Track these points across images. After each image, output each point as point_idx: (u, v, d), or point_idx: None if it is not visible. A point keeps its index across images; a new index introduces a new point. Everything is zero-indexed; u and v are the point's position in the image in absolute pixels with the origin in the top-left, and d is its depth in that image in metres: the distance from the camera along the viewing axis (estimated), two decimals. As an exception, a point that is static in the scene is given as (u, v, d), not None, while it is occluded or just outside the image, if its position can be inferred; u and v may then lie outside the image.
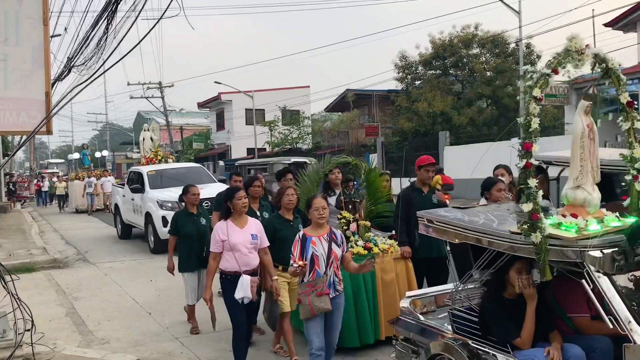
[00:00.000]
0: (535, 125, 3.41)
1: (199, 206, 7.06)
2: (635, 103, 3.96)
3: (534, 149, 3.42)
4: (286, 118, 40.03)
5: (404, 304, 4.62)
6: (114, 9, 5.87)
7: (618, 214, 3.69)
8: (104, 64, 5.65)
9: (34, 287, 9.37)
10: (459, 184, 18.96)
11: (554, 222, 3.52)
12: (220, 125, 45.14)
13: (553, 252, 3.40)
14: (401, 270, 6.01)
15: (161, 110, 38.44)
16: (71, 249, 14.08)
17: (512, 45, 28.61)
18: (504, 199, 5.53)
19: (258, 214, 6.28)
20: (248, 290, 5.03)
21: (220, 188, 10.32)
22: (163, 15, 4.80)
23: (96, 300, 8.63)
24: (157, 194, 13.20)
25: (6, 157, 25.74)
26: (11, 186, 29.28)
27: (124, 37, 5.52)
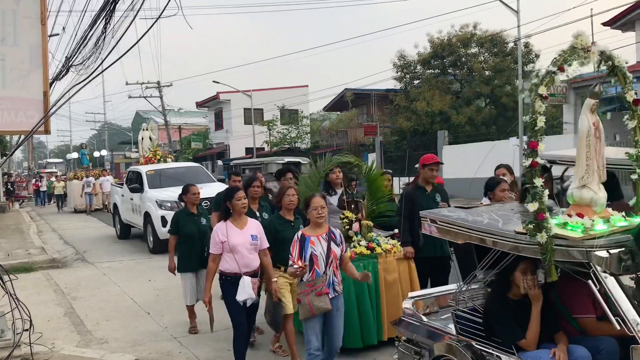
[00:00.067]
0: (541, 124, 3.36)
1: (199, 206, 7.03)
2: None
3: (540, 148, 3.38)
4: (285, 117, 39.98)
5: (407, 305, 4.57)
6: (112, 8, 5.83)
7: (624, 213, 3.65)
8: (102, 63, 5.60)
9: (32, 287, 9.34)
10: (458, 183, 18.99)
11: (559, 222, 3.47)
12: (219, 124, 45.09)
13: (559, 252, 3.36)
14: (404, 271, 5.96)
15: (159, 109, 38.45)
16: (69, 248, 14.04)
17: (511, 45, 28.61)
18: (507, 199, 5.50)
19: (257, 215, 6.20)
20: (250, 292, 4.99)
21: (220, 188, 10.30)
22: (161, 14, 4.78)
23: (95, 300, 8.60)
24: (156, 194, 13.14)
25: (4, 157, 25.66)
26: (9, 186, 29.26)
27: (122, 37, 5.51)
